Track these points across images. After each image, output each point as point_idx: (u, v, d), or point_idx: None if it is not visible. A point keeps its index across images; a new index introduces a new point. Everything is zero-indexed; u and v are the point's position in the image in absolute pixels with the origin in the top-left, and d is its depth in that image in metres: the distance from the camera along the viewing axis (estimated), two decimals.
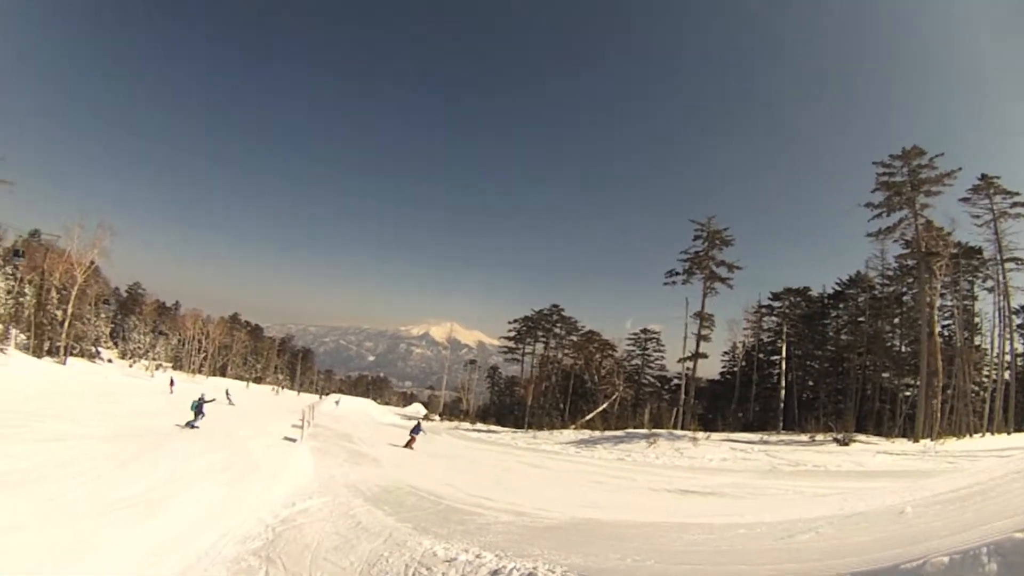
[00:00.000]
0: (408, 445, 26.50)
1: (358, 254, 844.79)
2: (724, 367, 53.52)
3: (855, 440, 30.11)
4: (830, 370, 45.29)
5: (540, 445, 36.39)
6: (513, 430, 49.91)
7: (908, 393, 38.48)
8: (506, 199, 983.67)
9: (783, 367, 44.38)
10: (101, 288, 74.44)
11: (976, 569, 3.81)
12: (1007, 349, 36.47)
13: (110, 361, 66.32)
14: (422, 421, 33.57)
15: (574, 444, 36.11)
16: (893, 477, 18.79)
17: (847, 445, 29.18)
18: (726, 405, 47.39)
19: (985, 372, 38.45)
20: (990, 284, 37.54)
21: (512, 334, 66.09)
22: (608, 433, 40.23)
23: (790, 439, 32.86)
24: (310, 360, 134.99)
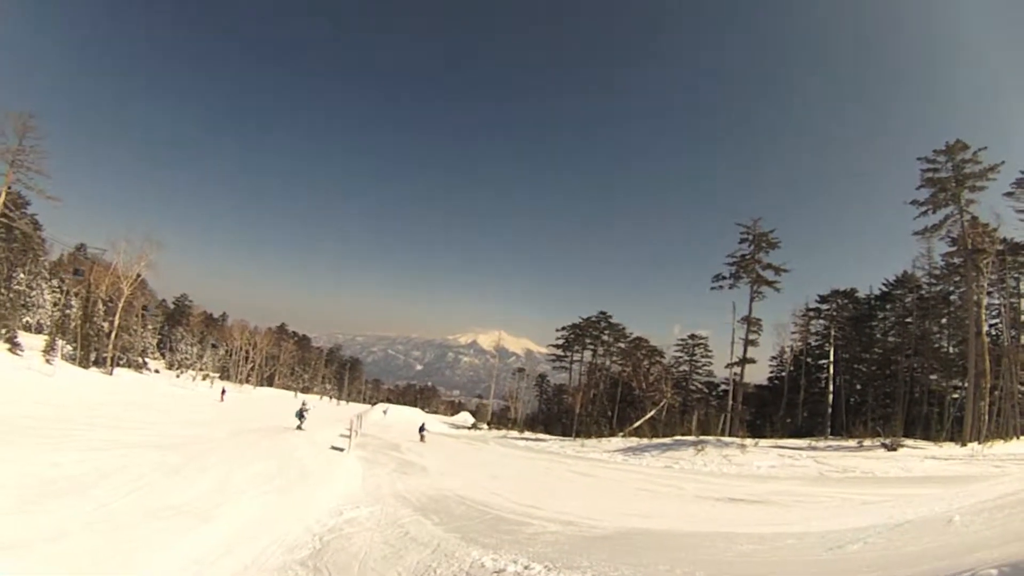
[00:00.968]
0: (421, 440, 35.92)
1: (407, 264, 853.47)
2: (772, 372, 53.21)
3: (902, 445, 30.01)
4: (878, 373, 44.81)
5: (588, 453, 36.48)
6: (561, 438, 50.07)
7: (956, 395, 37.99)
8: (555, 206, 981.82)
9: (831, 371, 44.06)
10: (148, 300, 76.15)
11: None
12: None
13: (157, 372, 67.39)
14: (426, 423, 42.40)
15: (622, 452, 36.09)
16: (940, 483, 18.42)
17: (895, 450, 29.17)
18: (774, 411, 47.23)
19: None
20: None
21: (560, 342, 66.31)
22: (656, 440, 40.08)
23: (838, 445, 32.80)
24: (358, 370, 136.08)
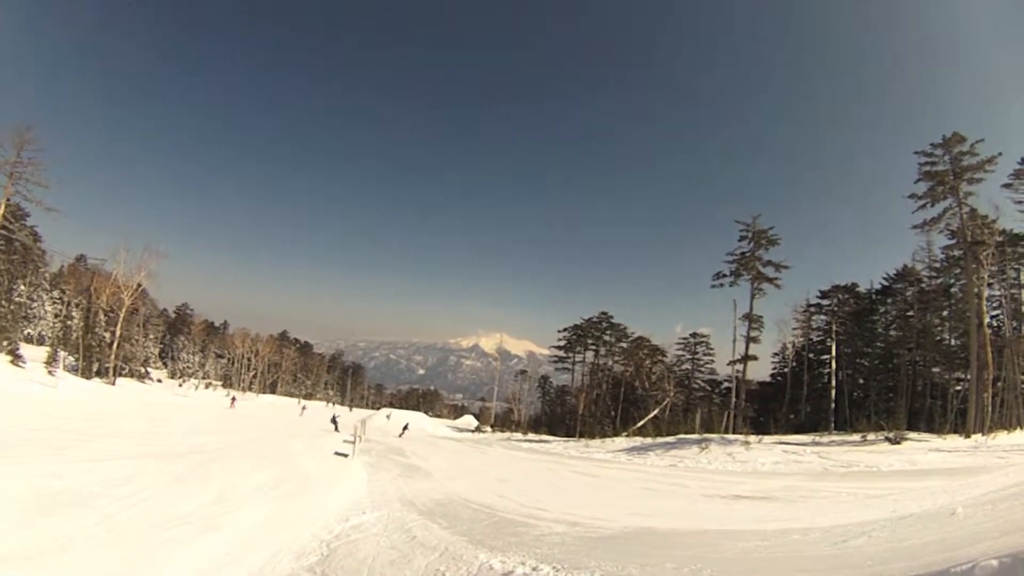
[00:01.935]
0: (401, 436, 41.49)
1: (407, 268, 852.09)
2: (774, 368, 53.09)
3: (906, 438, 29.92)
4: (880, 367, 44.82)
5: (592, 454, 36.38)
6: (565, 439, 49.83)
7: (959, 388, 37.99)
8: (552, 207, 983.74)
9: (833, 366, 44.06)
10: (149, 310, 76.23)
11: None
12: None
13: (159, 381, 67.54)
14: (409, 423, 48.59)
15: (626, 452, 35.95)
16: (945, 475, 18.20)
17: (899, 444, 29.03)
18: (777, 407, 47.26)
19: None
20: None
21: (562, 343, 66.41)
22: (659, 439, 39.82)
23: (842, 439, 32.64)
24: (360, 375, 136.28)
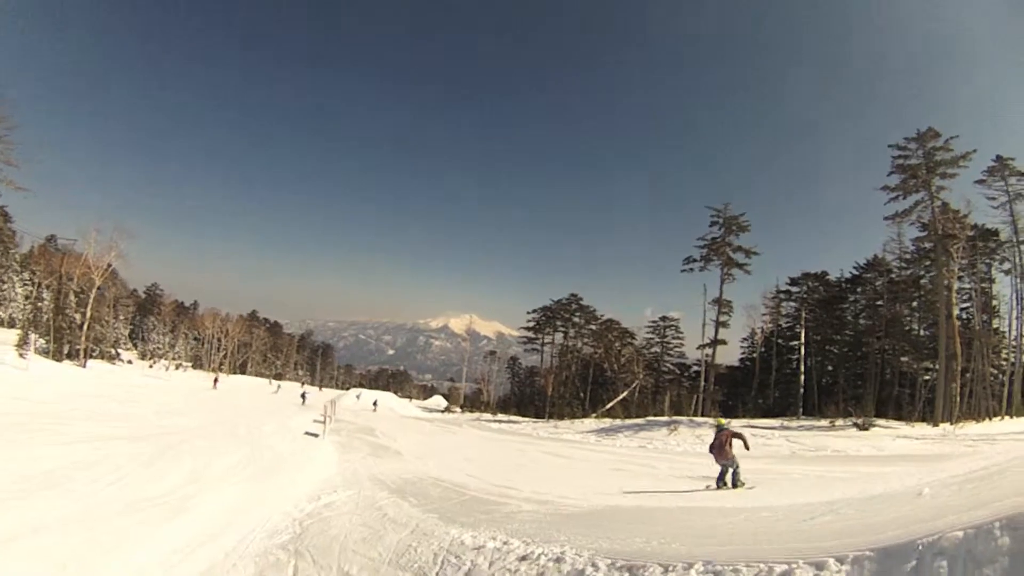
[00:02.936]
0: (375, 411, 45.21)
1: (376, 249, 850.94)
2: (744, 353, 53.86)
3: (875, 425, 30.24)
4: (849, 355, 45.47)
5: (561, 435, 36.08)
6: (534, 420, 50.11)
7: (927, 377, 38.45)
8: (523, 191, 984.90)
9: (802, 352, 44.38)
10: (119, 290, 75.41)
11: (989, 543, 3.94)
12: None
13: (130, 362, 66.85)
14: (378, 399, 52.73)
15: (595, 433, 35.90)
16: (912, 461, 18.29)
17: (867, 430, 29.30)
18: (746, 391, 47.75)
19: (1003, 355, 38.41)
20: (1007, 266, 37.66)
21: (531, 324, 66.51)
22: (629, 421, 40.15)
23: (810, 424, 32.99)
24: (330, 355, 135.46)
